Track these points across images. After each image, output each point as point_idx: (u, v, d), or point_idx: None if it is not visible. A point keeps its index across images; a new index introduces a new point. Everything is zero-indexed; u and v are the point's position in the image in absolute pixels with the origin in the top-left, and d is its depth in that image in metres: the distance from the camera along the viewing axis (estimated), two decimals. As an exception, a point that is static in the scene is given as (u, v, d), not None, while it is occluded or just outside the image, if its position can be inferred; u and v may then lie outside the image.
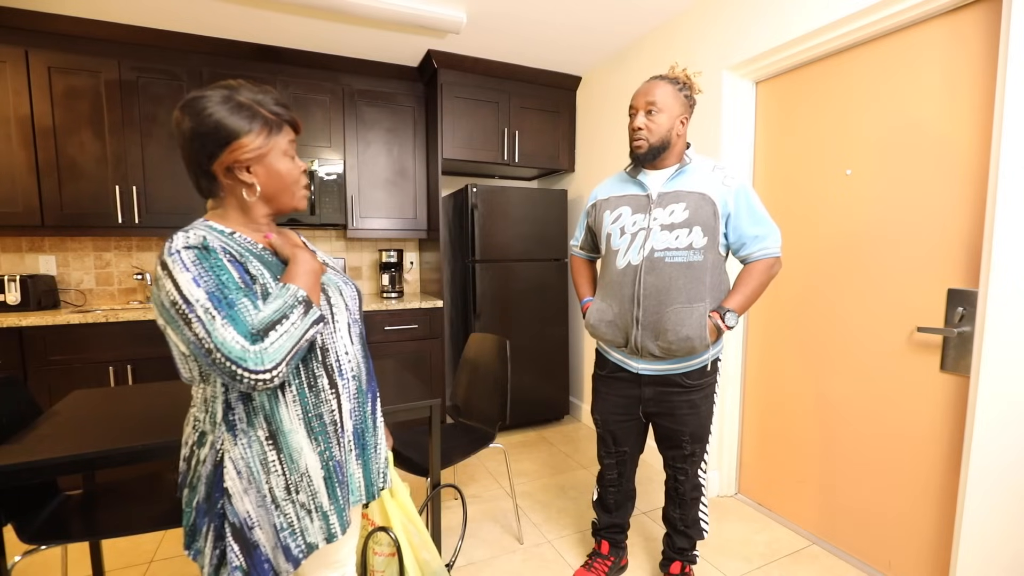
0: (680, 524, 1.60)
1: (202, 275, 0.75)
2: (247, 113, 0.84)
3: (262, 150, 0.85)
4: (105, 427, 1.28)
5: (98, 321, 2.24)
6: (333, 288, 0.95)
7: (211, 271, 0.76)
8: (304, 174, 0.94)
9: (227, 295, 0.75)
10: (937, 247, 1.52)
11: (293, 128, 0.92)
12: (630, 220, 1.45)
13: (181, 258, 0.76)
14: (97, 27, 2.34)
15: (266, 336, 0.75)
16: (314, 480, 0.88)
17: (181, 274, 0.75)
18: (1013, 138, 1.27)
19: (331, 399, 0.90)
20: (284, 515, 0.86)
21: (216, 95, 0.83)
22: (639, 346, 1.44)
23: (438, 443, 1.54)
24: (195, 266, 0.76)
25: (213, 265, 0.77)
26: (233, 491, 0.82)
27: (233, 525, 0.82)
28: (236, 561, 0.82)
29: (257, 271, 0.83)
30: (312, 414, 0.88)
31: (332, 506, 0.90)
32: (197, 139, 0.83)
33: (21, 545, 1.22)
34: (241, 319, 0.75)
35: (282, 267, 0.88)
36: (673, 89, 1.40)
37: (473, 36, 2.56)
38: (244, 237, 0.87)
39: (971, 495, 1.38)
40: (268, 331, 0.75)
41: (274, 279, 0.84)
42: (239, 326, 0.74)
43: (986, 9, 1.39)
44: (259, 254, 0.86)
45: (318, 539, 0.89)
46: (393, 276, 3.14)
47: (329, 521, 0.89)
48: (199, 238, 0.79)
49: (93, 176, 2.41)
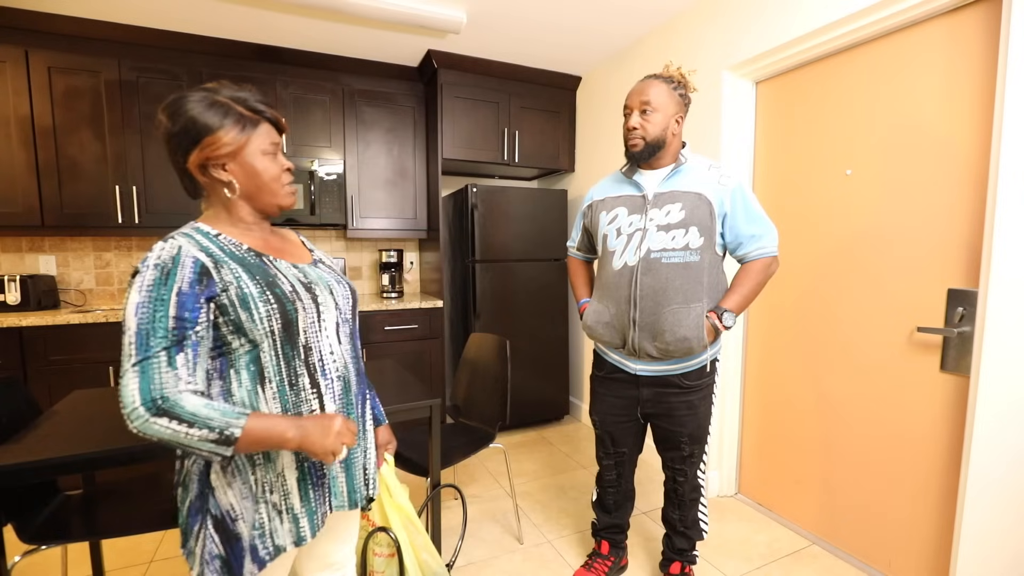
0: (679, 525, 1.60)
1: (144, 305, 0.75)
2: (220, 110, 0.84)
3: (233, 146, 0.85)
4: (105, 427, 1.28)
5: (98, 321, 2.24)
6: (323, 286, 0.94)
7: (152, 303, 0.75)
8: (288, 172, 0.93)
9: (150, 340, 0.74)
10: (937, 247, 1.52)
11: (275, 126, 0.92)
12: (626, 221, 1.45)
13: (144, 276, 0.77)
14: (97, 27, 2.34)
15: (162, 416, 0.72)
16: (288, 480, 0.87)
17: (134, 294, 0.76)
18: (1013, 138, 1.27)
19: (312, 399, 0.89)
20: (257, 514, 0.85)
21: (195, 95, 0.84)
22: (637, 347, 1.44)
23: (438, 443, 1.54)
24: (146, 291, 0.76)
25: (158, 297, 0.76)
26: (216, 484, 0.83)
27: (215, 517, 0.82)
28: (216, 550, 0.82)
29: (230, 276, 0.82)
30: (291, 413, 0.87)
31: (304, 508, 0.88)
32: (173, 137, 0.84)
33: (21, 545, 1.23)
34: (150, 375, 0.73)
35: (263, 268, 0.87)
36: (668, 88, 1.39)
37: (473, 36, 2.56)
38: (228, 239, 0.87)
39: (971, 495, 1.38)
40: (167, 415, 0.72)
41: (251, 279, 0.83)
42: (145, 381, 0.73)
43: (986, 9, 1.39)
44: (241, 256, 0.86)
45: (286, 541, 0.87)
46: (393, 276, 3.14)
47: (299, 524, 0.88)
48: (173, 251, 0.79)
49: (93, 176, 2.41)
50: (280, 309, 0.85)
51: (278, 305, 0.84)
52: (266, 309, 0.83)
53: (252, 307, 0.82)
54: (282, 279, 0.88)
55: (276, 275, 0.87)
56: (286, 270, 0.90)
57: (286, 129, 0.95)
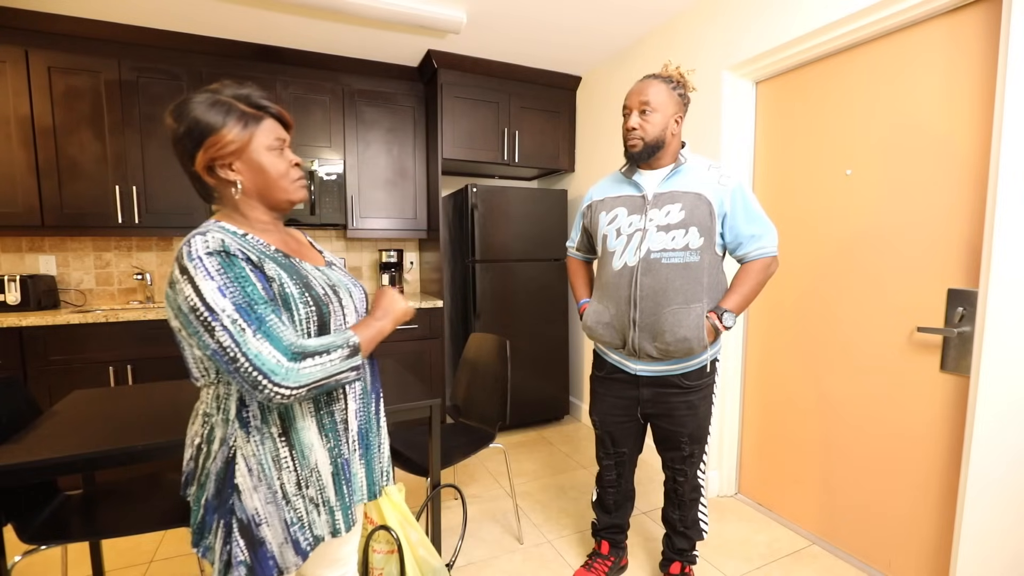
0: (679, 525, 1.60)
1: (228, 285, 0.76)
2: (222, 109, 0.84)
3: (238, 144, 0.84)
4: (105, 427, 1.28)
5: (98, 321, 2.24)
6: (344, 290, 0.95)
7: (236, 282, 0.77)
8: (297, 167, 0.93)
9: (256, 309, 0.77)
10: (937, 247, 1.52)
11: (280, 122, 0.91)
12: (626, 221, 1.45)
13: (204, 265, 0.76)
14: (97, 27, 2.34)
15: (304, 359, 0.77)
16: (323, 475, 0.89)
17: (205, 282, 0.75)
18: (1013, 138, 1.27)
19: (340, 398, 0.93)
20: (294, 510, 0.87)
21: (198, 97, 0.84)
22: (637, 347, 1.44)
23: (438, 443, 1.54)
24: (220, 275, 0.76)
25: (238, 275, 0.77)
26: (243, 487, 0.83)
27: (241, 521, 0.83)
28: (241, 556, 0.83)
29: (274, 272, 0.83)
30: (324, 411, 0.90)
31: (339, 502, 0.92)
32: (180, 140, 0.84)
33: (21, 545, 1.22)
34: (276, 335, 0.77)
35: (295, 268, 0.87)
36: (667, 88, 1.39)
37: (473, 36, 2.56)
38: (256, 239, 0.87)
39: (971, 495, 1.38)
40: (308, 356, 0.78)
41: (291, 279, 0.84)
42: (275, 342, 0.76)
43: (986, 9, 1.39)
44: (272, 255, 0.86)
45: (324, 532, 0.90)
46: (393, 276, 3.14)
47: (335, 516, 0.91)
48: (218, 242, 0.78)
49: (93, 176, 2.41)
50: (317, 312, 0.86)
51: (316, 308, 0.86)
52: (306, 311, 0.84)
53: (293, 308, 0.83)
54: (313, 281, 0.89)
55: (308, 276, 0.88)
56: (313, 272, 0.91)
57: (291, 124, 0.94)
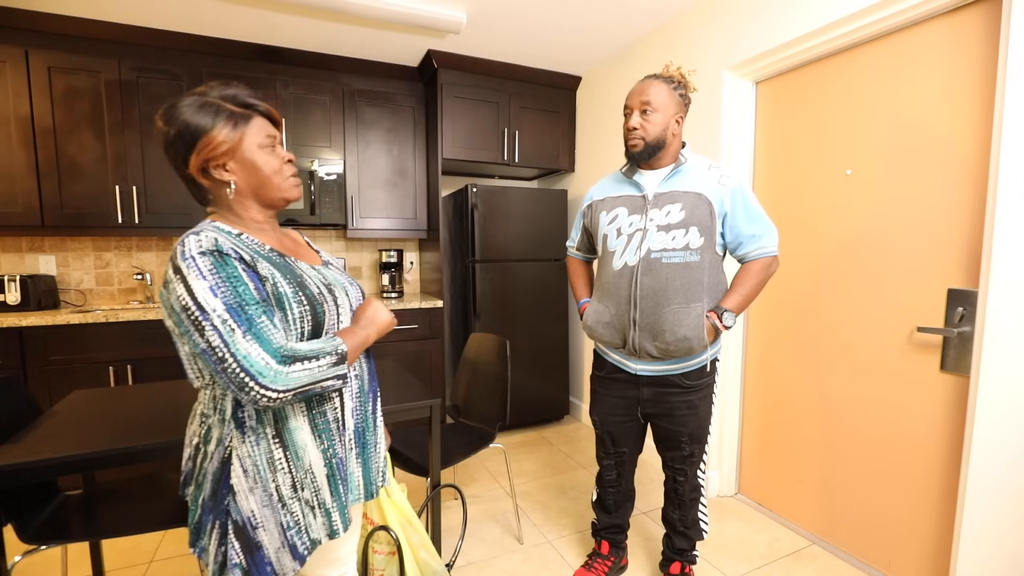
0: (680, 525, 1.60)
1: (219, 285, 0.76)
2: (211, 110, 0.84)
3: (229, 144, 0.84)
4: (105, 427, 1.28)
5: (98, 321, 2.24)
6: (340, 289, 0.95)
7: (228, 281, 0.77)
8: (290, 164, 0.93)
9: (247, 310, 0.77)
10: (937, 247, 1.52)
11: (269, 119, 0.91)
12: (626, 221, 1.45)
13: (197, 264, 0.76)
14: (97, 27, 2.34)
15: (294, 363, 0.78)
16: (317, 477, 0.88)
17: (197, 281, 0.75)
18: (1013, 138, 1.27)
19: (334, 397, 0.92)
20: (291, 513, 0.86)
21: (186, 100, 0.84)
22: (637, 347, 1.44)
23: (438, 443, 1.54)
24: (212, 275, 0.76)
25: (230, 275, 0.77)
26: (238, 488, 0.82)
27: (236, 523, 0.82)
28: (236, 559, 0.82)
29: (267, 271, 0.83)
30: (316, 411, 0.89)
31: (335, 503, 0.91)
32: (171, 144, 0.84)
33: (21, 545, 1.22)
34: (265, 337, 0.77)
35: (289, 267, 0.88)
36: (668, 88, 1.39)
37: (473, 36, 2.56)
38: (251, 238, 0.87)
39: (971, 495, 1.38)
40: (297, 360, 0.78)
41: (284, 278, 0.84)
42: (264, 344, 0.76)
43: (986, 9, 1.39)
44: (267, 255, 0.86)
45: (321, 535, 0.90)
46: (393, 276, 3.14)
47: (331, 518, 0.90)
48: (211, 241, 0.78)
49: (93, 176, 2.41)
50: (311, 311, 0.86)
51: (310, 307, 0.86)
52: (299, 310, 0.84)
53: (287, 307, 0.83)
54: (308, 280, 0.88)
55: (302, 276, 0.88)
56: (308, 271, 0.91)
57: (280, 120, 0.94)
